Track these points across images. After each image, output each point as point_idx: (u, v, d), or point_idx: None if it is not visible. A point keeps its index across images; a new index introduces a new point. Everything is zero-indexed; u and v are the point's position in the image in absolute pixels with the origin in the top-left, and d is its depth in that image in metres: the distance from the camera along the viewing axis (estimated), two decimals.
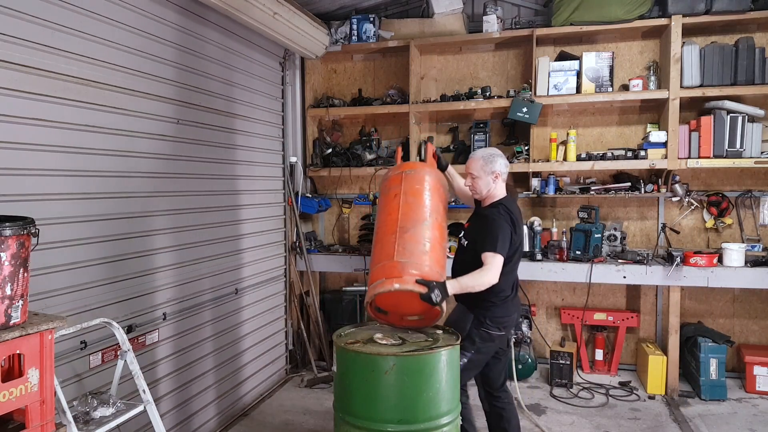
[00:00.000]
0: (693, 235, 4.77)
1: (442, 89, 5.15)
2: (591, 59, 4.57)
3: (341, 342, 2.62)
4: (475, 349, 2.92)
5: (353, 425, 2.50)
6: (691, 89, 4.34)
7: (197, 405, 3.61)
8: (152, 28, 3.16)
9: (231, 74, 4.00)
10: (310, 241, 5.18)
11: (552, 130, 4.88)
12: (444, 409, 2.50)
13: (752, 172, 4.59)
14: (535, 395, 4.39)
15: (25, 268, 1.77)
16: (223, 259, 3.91)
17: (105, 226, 2.81)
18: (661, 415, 4.01)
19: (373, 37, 5.05)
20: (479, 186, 3.01)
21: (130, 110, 2.98)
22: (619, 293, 4.95)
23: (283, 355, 4.89)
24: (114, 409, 2.33)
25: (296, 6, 4.30)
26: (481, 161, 2.99)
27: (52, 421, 1.87)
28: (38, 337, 1.80)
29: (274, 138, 4.75)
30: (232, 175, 4.03)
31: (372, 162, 5.11)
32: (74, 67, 2.61)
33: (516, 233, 2.91)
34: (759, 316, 4.70)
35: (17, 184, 2.35)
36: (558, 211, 5.02)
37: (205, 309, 3.69)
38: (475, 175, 3.00)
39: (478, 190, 3.03)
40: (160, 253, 3.24)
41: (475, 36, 4.86)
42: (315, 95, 5.30)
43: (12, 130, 2.32)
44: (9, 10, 2.29)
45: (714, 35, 4.57)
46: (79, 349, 2.64)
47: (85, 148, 2.69)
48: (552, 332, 5.08)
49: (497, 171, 2.96)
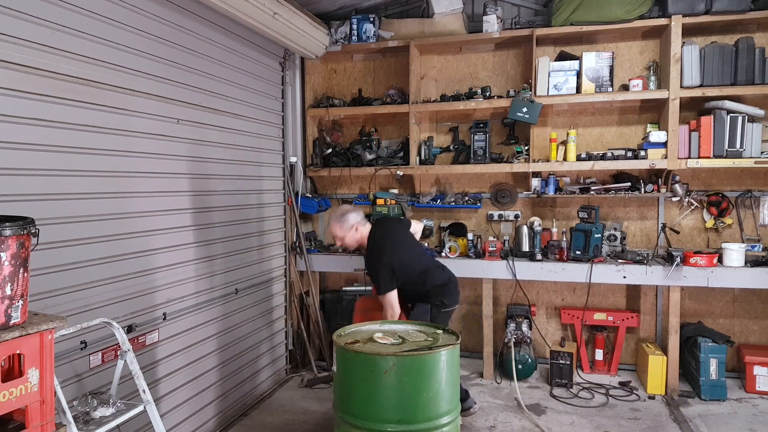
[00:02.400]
0: (693, 235, 4.77)
1: (442, 89, 5.15)
2: (591, 59, 4.57)
3: (341, 342, 2.63)
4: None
5: (353, 425, 2.50)
6: (691, 89, 4.34)
7: (197, 405, 3.61)
8: (152, 28, 3.16)
9: (231, 74, 4.00)
10: (310, 241, 5.18)
11: (552, 130, 4.88)
12: (444, 409, 2.50)
13: (752, 172, 4.59)
14: (535, 395, 4.39)
15: (25, 268, 1.76)
16: (223, 259, 3.91)
17: (105, 226, 2.81)
18: (661, 415, 4.01)
19: (373, 37, 5.05)
20: (348, 242, 3.57)
21: (130, 110, 2.98)
22: (619, 293, 4.95)
23: (283, 355, 4.89)
24: (114, 409, 2.33)
25: (296, 6, 4.30)
26: (338, 224, 3.55)
27: (52, 421, 1.87)
28: (38, 337, 1.80)
29: (274, 138, 4.75)
30: (232, 175, 4.03)
31: (372, 162, 5.11)
32: (74, 67, 2.61)
33: (396, 259, 3.42)
34: (759, 316, 4.70)
35: (17, 184, 2.35)
36: (558, 211, 5.02)
37: (205, 309, 3.69)
38: (340, 236, 3.56)
39: (350, 245, 3.61)
40: (160, 253, 3.24)
41: (475, 36, 4.86)
42: (315, 95, 5.30)
43: (12, 130, 2.32)
44: (9, 10, 2.29)
45: (714, 35, 4.57)
46: (79, 349, 2.64)
47: (85, 148, 2.69)
48: (552, 332, 5.08)
49: (353, 224, 3.52)
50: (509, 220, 5.08)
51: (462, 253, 4.89)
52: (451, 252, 4.85)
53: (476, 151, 4.84)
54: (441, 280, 3.70)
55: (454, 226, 5.15)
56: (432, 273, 3.69)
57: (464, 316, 5.29)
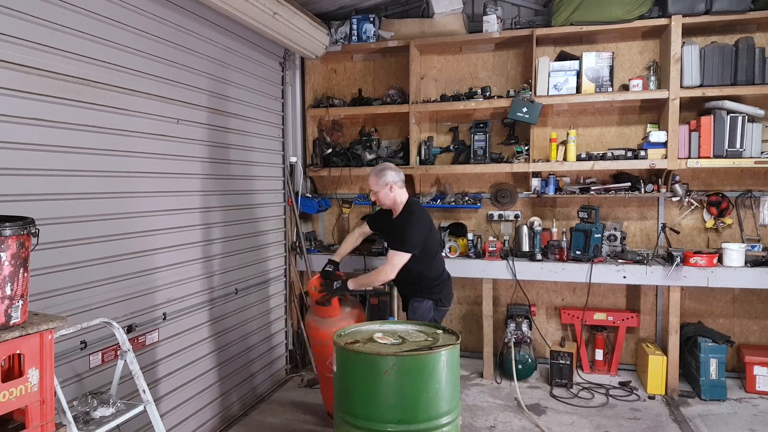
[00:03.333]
0: (693, 235, 4.77)
1: (442, 89, 5.15)
2: (591, 59, 4.57)
3: (341, 342, 2.63)
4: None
5: (353, 425, 2.50)
6: (691, 89, 4.34)
7: (197, 405, 3.61)
8: (152, 28, 3.16)
9: (231, 74, 4.00)
10: (310, 241, 5.18)
11: (552, 130, 4.88)
12: (444, 409, 2.50)
13: (752, 172, 4.59)
14: (535, 395, 4.39)
15: (25, 268, 1.77)
16: (223, 259, 3.91)
17: (105, 226, 2.81)
18: (661, 415, 4.01)
19: (373, 37, 5.05)
20: (381, 198, 3.51)
21: (130, 110, 2.98)
22: (619, 293, 4.95)
23: (283, 355, 4.89)
24: (114, 409, 2.33)
25: (296, 6, 4.30)
26: (374, 177, 3.49)
27: (52, 421, 1.87)
28: (38, 337, 1.80)
29: (274, 138, 4.75)
30: (232, 175, 4.03)
31: (372, 162, 5.11)
32: (74, 67, 2.61)
33: (429, 231, 3.45)
34: (759, 316, 4.70)
35: (17, 184, 2.35)
36: (558, 211, 5.02)
37: (205, 309, 3.69)
38: (374, 190, 3.52)
39: (381, 202, 3.54)
40: (160, 253, 3.24)
41: (475, 36, 4.86)
42: (315, 95, 5.30)
43: (12, 130, 2.32)
44: (9, 10, 2.29)
45: (714, 35, 4.57)
46: (79, 349, 2.64)
47: (85, 148, 2.69)
48: (552, 332, 5.08)
49: (389, 182, 3.44)
50: (509, 220, 5.08)
51: (462, 253, 4.89)
52: (451, 252, 4.85)
53: (476, 151, 4.84)
54: (446, 275, 3.74)
55: (454, 226, 5.15)
56: (442, 265, 3.72)
57: (464, 316, 5.29)
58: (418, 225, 3.40)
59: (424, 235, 3.43)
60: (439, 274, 3.67)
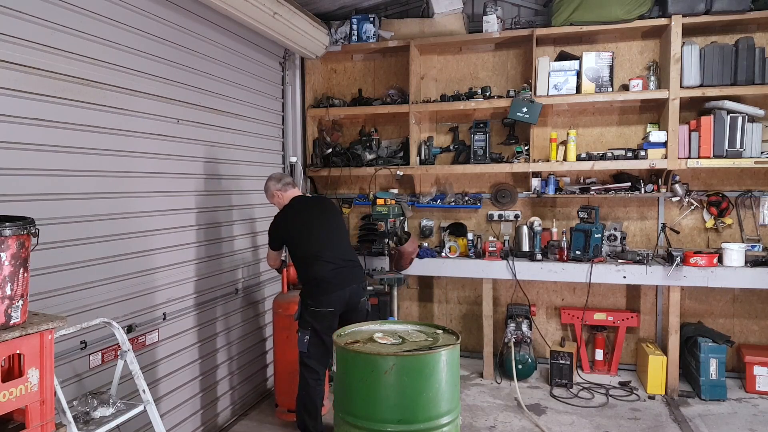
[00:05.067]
0: (693, 235, 4.77)
1: (442, 89, 5.15)
2: (591, 59, 4.57)
3: (341, 342, 2.63)
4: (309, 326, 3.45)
5: (353, 425, 2.50)
6: (691, 89, 4.34)
7: (197, 404, 3.61)
8: (152, 28, 3.16)
9: (231, 74, 4.00)
10: None
11: (552, 130, 4.87)
12: (444, 409, 2.50)
13: (752, 172, 4.59)
14: (535, 395, 4.39)
15: (25, 268, 1.77)
16: (223, 259, 3.91)
17: (105, 226, 2.81)
18: (661, 415, 4.01)
19: (373, 37, 5.05)
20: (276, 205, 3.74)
21: (130, 110, 2.98)
22: (619, 293, 4.95)
23: None
24: (114, 409, 2.33)
25: (296, 6, 4.30)
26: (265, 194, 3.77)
27: (52, 421, 1.87)
28: (38, 337, 1.80)
29: (274, 138, 4.75)
30: (232, 175, 4.03)
31: (372, 162, 5.11)
32: (74, 67, 2.61)
33: (287, 226, 3.58)
34: (759, 316, 4.70)
35: (17, 184, 2.35)
36: (558, 211, 5.02)
37: (205, 309, 3.69)
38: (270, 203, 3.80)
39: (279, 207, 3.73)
40: (160, 253, 3.24)
41: (475, 36, 4.86)
42: (315, 95, 5.30)
43: (12, 130, 2.32)
44: (9, 10, 2.29)
45: (714, 35, 4.57)
46: (79, 349, 2.64)
47: (85, 148, 2.69)
48: (552, 332, 5.08)
49: (272, 192, 3.70)
50: (509, 220, 5.08)
51: (462, 253, 4.89)
52: (451, 252, 4.85)
53: (476, 151, 4.84)
54: (321, 278, 3.41)
55: (454, 226, 5.15)
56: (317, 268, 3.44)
57: (464, 316, 5.29)
58: (274, 224, 3.65)
59: (280, 233, 3.61)
60: (312, 277, 3.42)
